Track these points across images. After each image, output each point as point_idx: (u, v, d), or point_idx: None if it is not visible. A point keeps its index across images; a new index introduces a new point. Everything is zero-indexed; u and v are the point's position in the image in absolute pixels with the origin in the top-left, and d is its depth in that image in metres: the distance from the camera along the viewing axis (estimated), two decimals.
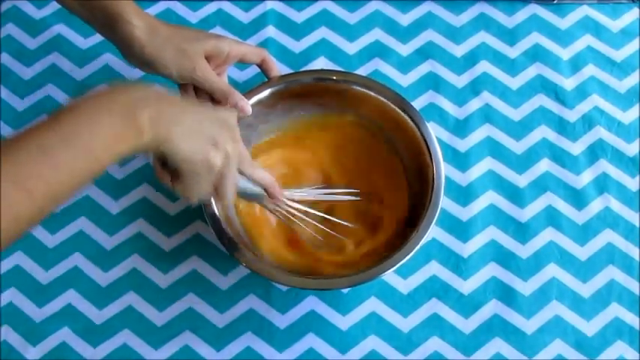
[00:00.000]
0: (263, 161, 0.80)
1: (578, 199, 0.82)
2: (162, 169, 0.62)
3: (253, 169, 0.68)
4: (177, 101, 0.60)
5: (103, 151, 0.55)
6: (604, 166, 0.83)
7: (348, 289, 0.78)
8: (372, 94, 0.78)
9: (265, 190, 0.70)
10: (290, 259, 0.76)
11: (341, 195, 0.78)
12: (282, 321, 0.77)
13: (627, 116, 0.85)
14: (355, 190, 0.78)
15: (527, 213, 0.81)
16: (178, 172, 0.60)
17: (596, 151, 0.84)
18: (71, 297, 0.77)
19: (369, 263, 0.72)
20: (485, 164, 0.83)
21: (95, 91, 0.56)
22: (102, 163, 0.55)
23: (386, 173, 0.79)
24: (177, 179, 0.61)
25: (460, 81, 0.87)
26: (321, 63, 0.88)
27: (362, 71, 0.87)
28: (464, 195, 0.82)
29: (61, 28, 0.89)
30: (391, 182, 0.79)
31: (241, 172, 0.67)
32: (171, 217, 0.81)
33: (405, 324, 0.77)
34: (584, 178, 0.82)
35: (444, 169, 0.74)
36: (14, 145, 0.51)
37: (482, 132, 0.85)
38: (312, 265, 0.76)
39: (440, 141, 0.77)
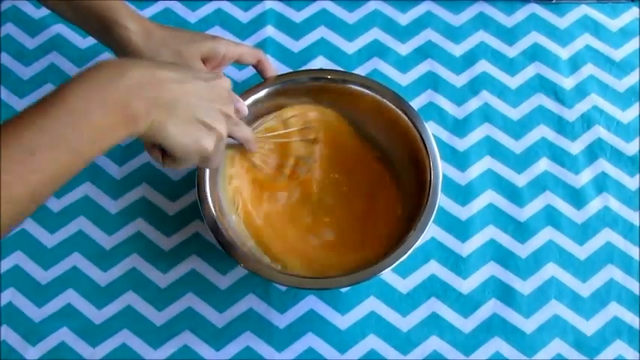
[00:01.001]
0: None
1: (577, 198, 0.82)
2: (152, 146, 0.63)
3: (237, 128, 0.69)
4: (169, 81, 0.59)
5: (93, 147, 0.55)
6: (603, 165, 0.83)
7: (347, 288, 0.78)
8: (370, 93, 0.78)
9: (243, 143, 0.72)
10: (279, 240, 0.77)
11: (295, 136, 0.79)
12: (281, 320, 0.77)
13: (626, 115, 0.85)
14: (311, 138, 0.79)
15: (526, 212, 0.81)
16: (170, 153, 0.62)
17: (595, 151, 0.84)
18: (70, 297, 0.77)
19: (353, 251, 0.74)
20: (485, 163, 0.83)
21: (86, 76, 0.55)
22: (90, 159, 0.55)
23: (379, 172, 0.79)
24: (168, 157, 0.63)
25: (459, 80, 0.87)
26: (320, 62, 0.87)
27: (361, 71, 0.87)
28: (463, 194, 0.82)
29: (60, 28, 0.89)
30: (385, 181, 0.79)
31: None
32: (170, 217, 0.81)
33: (405, 323, 0.77)
34: (583, 178, 0.82)
35: (441, 168, 0.74)
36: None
37: (481, 131, 0.84)
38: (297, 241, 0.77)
39: (439, 140, 0.77)
